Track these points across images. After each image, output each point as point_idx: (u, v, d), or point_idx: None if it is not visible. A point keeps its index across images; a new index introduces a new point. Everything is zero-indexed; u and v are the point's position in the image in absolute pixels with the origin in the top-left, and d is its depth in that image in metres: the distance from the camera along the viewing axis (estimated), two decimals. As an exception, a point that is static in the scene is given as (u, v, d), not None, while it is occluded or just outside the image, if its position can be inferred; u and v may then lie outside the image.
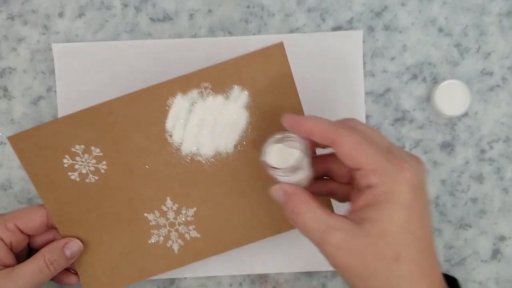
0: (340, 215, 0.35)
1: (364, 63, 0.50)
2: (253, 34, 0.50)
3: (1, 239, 0.41)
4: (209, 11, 0.50)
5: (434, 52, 0.50)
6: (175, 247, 0.45)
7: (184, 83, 0.42)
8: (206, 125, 0.44)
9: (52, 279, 0.44)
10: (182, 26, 0.50)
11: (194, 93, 0.42)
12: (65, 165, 0.42)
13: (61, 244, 0.43)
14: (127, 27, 0.50)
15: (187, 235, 0.45)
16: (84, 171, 0.42)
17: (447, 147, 0.50)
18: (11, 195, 0.50)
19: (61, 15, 0.50)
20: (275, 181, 0.38)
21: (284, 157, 0.38)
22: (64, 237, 0.44)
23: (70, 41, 0.50)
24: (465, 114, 0.50)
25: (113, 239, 0.45)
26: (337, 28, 0.50)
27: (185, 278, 0.50)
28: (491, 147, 0.50)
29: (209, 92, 0.42)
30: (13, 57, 0.50)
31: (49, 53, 0.50)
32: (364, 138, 0.34)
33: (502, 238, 0.50)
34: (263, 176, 0.40)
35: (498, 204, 0.50)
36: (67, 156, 0.42)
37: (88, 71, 0.49)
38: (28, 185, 0.50)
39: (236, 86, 0.42)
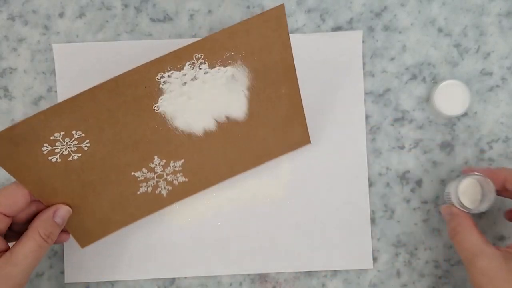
0: (494, 247, 0.40)
1: (364, 63, 0.50)
2: (253, 35, 0.50)
3: None
4: (209, 11, 0.50)
5: (433, 52, 0.50)
6: (164, 192, 0.46)
7: (175, 58, 0.39)
8: (196, 99, 0.42)
9: None
10: (182, 27, 0.50)
11: (185, 65, 0.40)
12: (45, 152, 0.40)
13: (50, 215, 0.42)
14: (128, 28, 0.50)
15: (175, 181, 0.46)
16: (65, 153, 0.41)
17: (447, 147, 0.51)
18: (11, 195, 0.50)
19: (61, 15, 0.50)
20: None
21: (475, 196, 0.44)
22: (48, 205, 0.43)
23: (71, 41, 0.50)
24: (465, 114, 0.50)
25: (100, 198, 0.44)
26: (337, 28, 0.50)
27: (185, 277, 0.50)
28: (491, 147, 0.50)
29: (201, 62, 0.40)
30: (13, 57, 0.50)
31: (49, 53, 0.50)
32: None
33: (501, 238, 0.50)
34: (247, 126, 0.44)
35: (497, 204, 0.50)
36: (46, 145, 0.40)
37: (89, 71, 0.50)
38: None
39: (228, 54, 0.40)
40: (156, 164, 0.44)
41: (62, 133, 0.39)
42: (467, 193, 0.44)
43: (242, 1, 0.50)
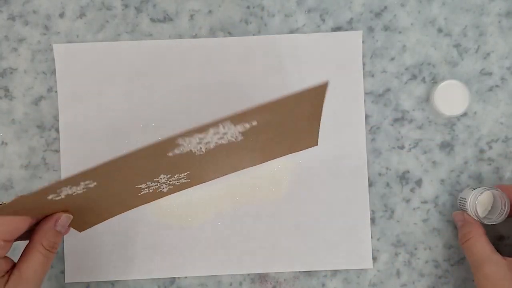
0: (502, 256, 0.43)
1: (364, 64, 0.50)
2: (253, 35, 0.50)
3: None
4: (209, 11, 0.50)
5: (433, 53, 0.51)
6: (164, 189, 0.46)
7: (201, 131, 0.36)
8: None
9: None
10: (182, 27, 0.50)
11: (209, 130, 0.36)
12: (49, 198, 0.38)
13: (51, 225, 0.41)
14: (128, 28, 0.50)
15: (177, 183, 0.45)
16: (70, 192, 0.38)
17: (446, 147, 0.51)
18: (12, 195, 0.50)
19: (61, 15, 0.50)
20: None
21: (488, 208, 0.47)
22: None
23: (71, 41, 0.50)
24: (464, 114, 0.51)
25: (100, 204, 0.43)
26: (337, 28, 0.50)
27: (185, 277, 0.50)
28: (490, 147, 0.51)
29: (228, 125, 0.37)
30: (14, 57, 0.50)
31: (50, 54, 0.50)
32: None
33: (501, 238, 0.50)
34: (260, 142, 0.43)
35: (497, 204, 0.50)
36: (51, 195, 0.38)
37: (89, 72, 0.50)
38: (29, 185, 0.50)
39: (254, 122, 0.38)
40: (160, 178, 0.43)
41: (69, 186, 0.38)
42: (483, 204, 0.47)
43: (242, 1, 0.50)
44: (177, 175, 0.43)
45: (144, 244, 0.50)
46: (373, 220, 0.50)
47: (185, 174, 0.44)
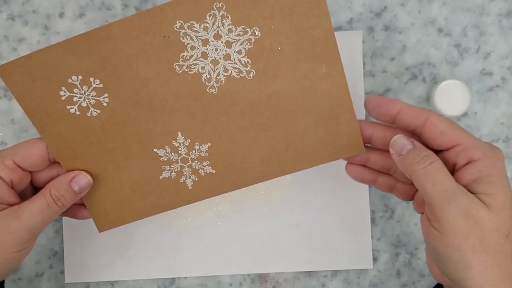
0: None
1: (364, 63, 0.50)
2: (253, 34, 0.50)
3: (1, 177, 0.38)
4: (209, 11, 0.50)
5: (433, 52, 0.50)
6: (189, 183, 0.42)
7: (192, 2, 0.36)
8: (220, 56, 0.38)
9: (65, 214, 0.42)
10: (182, 27, 0.50)
11: (206, 17, 0.36)
12: (63, 98, 0.38)
13: (68, 178, 0.39)
14: (128, 28, 0.50)
15: (201, 171, 0.42)
16: (84, 104, 0.38)
17: (447, 147, 0.51)
18: (11, 195, 0.50)
19: (61, 15, 0.50)
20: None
21: None
22: (69, 171, 0.40)
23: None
24: (465, 114, 0.50)
25: (121, 173, 0.41)
26: (337, 28, 0.50)
27: (185, 277, 0.50)
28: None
29: (224, 15, 0.36)
30: (13, 57, 0.50)
31: (49, 53, 0.50)
32: (451, 120, 0.36)
33: (501, 238, 0.50)
34: (283, 109, 0.40)
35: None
36: (63, 88, 0.38)
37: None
38: (29, 185, 0.50)
39: (254, 10, 0.36)
40: (180, 143, 0.41)
41: (80, 77, 0.37)
42: None
43: (242, 1, 0.50)
44: (197, 146, 0.41)
45: (144, 244, 0.50)
46: (373, 220, 0.50)
47: (207, 146, 0.41)
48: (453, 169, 0.36)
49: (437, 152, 0.37)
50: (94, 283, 0.50)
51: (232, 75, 0.38)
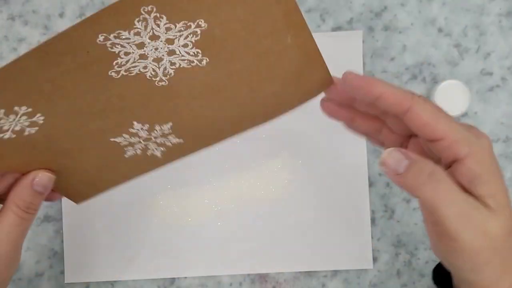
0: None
1: (364, 63, 0.50)
2: (253, 34, 0.50)
3: None
4: (209, 11, 0.50)
5: (433, 52, 0.50)
6: (158, 153, 0.40)
7: (114, 14, 0.31)
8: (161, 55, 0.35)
9: None
10: (182, 27, 0.50)
11: (134, 23, 0.32)
12: None
13: (28, 183, 0.37)
14: (128, 28, 0.50)
15: (168, 143, 0.40)
16: (17, 128, 0.35)
17: (447, 147, 0.50)
18: (11, 195, 0.50)
19: (61, 15, 0.50)
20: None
21: None
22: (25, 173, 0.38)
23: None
24: (465, 114, 0.50)
25: (81, 162, 0.39)
26: (337, 28, 0.50)
27: (185, 277, 0.50)
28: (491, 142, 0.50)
29: (156, 17, 0.32)
30: (13, 57, 0.50)
31: (49, 53, 0.50)
32: (438, 108, 0.32)
33: (501, 238, 0.50)
34: (247, 82, 0.37)
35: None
36: None
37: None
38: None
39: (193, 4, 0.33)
40: (138, 129, 0.38)
41: (2, 110, 0.34)
42: None
43: (242, 1, 0.50)
44: (158, 127, 0.39)
45: (144, 244, 0.50)
46: (373, 220, 0.50)
47: (169, 126, 0.39)
48: (439, 162, 0.34)
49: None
50: (94, 283, 0.50)
51: (181, 66, 0.35)
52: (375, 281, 0.50)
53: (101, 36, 0.32)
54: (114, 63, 0.34)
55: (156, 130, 0.39)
